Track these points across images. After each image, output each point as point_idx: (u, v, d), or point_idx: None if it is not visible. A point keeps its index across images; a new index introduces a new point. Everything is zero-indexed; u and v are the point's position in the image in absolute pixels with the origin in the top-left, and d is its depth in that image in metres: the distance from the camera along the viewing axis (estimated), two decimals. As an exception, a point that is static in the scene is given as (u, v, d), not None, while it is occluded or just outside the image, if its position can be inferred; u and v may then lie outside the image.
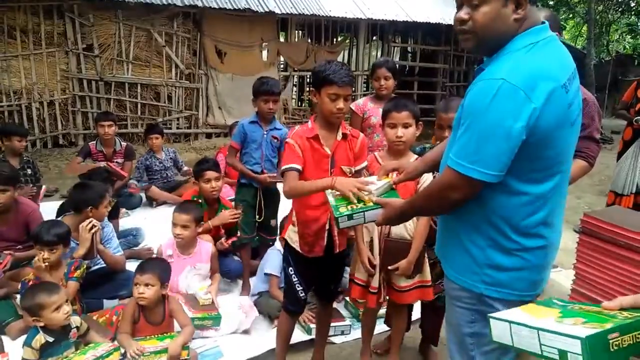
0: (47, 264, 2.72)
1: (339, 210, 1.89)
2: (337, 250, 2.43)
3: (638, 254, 2.25)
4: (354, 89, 2.33)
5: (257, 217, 3.51)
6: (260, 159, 3.44)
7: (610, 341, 0.96)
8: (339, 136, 2.31)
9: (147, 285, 2.62)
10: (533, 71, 1.37)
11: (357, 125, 3.59)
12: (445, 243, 1.69)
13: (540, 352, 1.03)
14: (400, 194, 1.93)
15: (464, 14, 1.46)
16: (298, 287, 2.46)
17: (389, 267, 2.43)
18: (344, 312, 3.26)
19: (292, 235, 2.42)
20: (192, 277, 3.21)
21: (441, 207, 1.56)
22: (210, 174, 3.63)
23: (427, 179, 2.26)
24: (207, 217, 3.58)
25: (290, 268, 2.47)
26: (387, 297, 2.63)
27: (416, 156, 2.52)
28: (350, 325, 3.08)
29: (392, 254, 2.44)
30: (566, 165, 1.53)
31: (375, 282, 2.47)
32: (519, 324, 1.09)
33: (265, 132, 3.43)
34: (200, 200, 3.67)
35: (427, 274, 2.55)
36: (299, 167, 2.26)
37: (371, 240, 2.47)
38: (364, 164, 2.41)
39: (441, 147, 1.89)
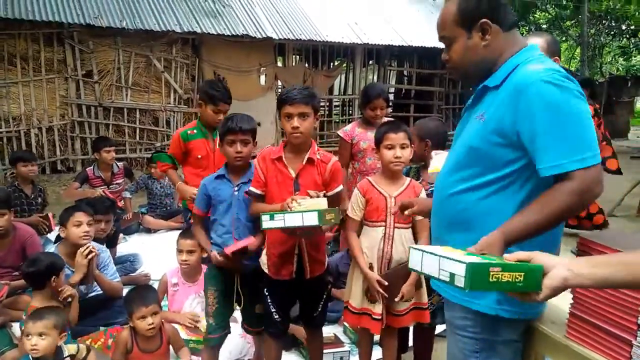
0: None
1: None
2: (308, 277, 2.39)
3: (635, 277, 2.25)
4: (318, 110, 2.35)
5: (235, 305, 2.56)
6: (231, 226, 2.46)
7: (491, 272, 1.15)
8: (305, 160, 2.31)
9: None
10: (560, 71, 1.43)
11: (346, 151, 3.60)
12: None
13: (438, 275, 1.23)
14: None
15: (444, 54, 1.63)
16: (271, 308, 2.44)
17: (396, 300, 2.40)
18: (343, 337, 3.23)
19: (262, 257, 2.42)
20: (197, 305, 3.19)
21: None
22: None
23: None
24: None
25: (265, 289, 2.45)
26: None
27: (408, 179, 2.55)
28: (349, 351, 3.04)
29: (395, 284, 2.41)
30: None
31: (378, 309, 2.44)
32: (429, 252, 1.27)
33: (235, 189, 2.47)
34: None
35: (424, 297, 2.53)
36: (258, 191, 2.35)
37: (370, 267, 2.45)
38: (339, 188, 2.39)
39: None
